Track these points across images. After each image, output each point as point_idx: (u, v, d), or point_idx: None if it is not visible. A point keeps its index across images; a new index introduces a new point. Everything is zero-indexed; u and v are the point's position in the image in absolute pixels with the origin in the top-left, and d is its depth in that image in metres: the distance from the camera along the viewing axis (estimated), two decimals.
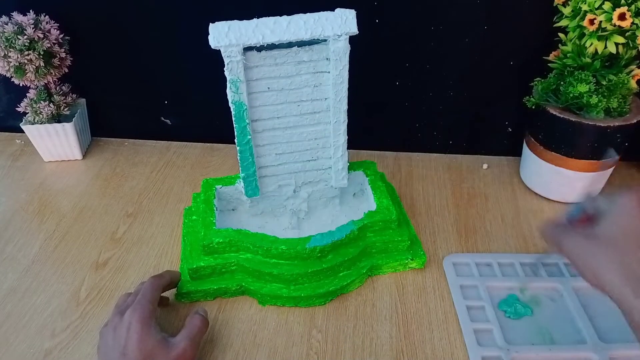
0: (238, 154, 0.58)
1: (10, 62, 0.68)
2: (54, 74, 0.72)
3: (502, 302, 0.56)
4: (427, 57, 0.72)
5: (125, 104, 0.83)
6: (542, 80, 0.67)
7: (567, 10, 0.61)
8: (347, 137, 0.59)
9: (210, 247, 0.57)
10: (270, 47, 0.52)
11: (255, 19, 0.50)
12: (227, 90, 0.53)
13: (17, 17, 0.68)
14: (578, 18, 0.59)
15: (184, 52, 0.75)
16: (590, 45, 0.59)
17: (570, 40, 0.62)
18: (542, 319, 0.55)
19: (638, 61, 0.61)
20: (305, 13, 0.51)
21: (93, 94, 0.82)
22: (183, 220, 0.67)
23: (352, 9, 0.51)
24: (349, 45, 0.52)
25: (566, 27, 0.62)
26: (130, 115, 0.84)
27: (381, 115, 0.79)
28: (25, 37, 0.67)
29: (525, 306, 0.55)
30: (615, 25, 0.56)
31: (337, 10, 0.51)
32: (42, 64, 0.70)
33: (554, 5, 0.63)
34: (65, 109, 0.77)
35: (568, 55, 0.63)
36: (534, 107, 0.67)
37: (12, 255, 0.64)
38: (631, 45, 0.58)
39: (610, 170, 0.69)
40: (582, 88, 0.60)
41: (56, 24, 0.71)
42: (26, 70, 0.69)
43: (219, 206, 0.63)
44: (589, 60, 0.61)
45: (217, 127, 0.77)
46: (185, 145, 0.85)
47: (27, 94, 0.76)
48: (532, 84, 0.68)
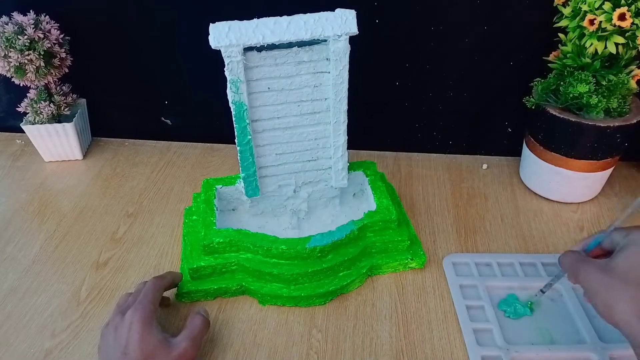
0: (238, 154, 0.58)
1: (11, 62, 0.68)
2: (54, 74, 0.72)
3: (501, 301, 0.56)
4: (427, 57, 0.72)
5: (126, 104, 0.83)
6: (542, 80, 0.67)
7: (567, 11, 0.61)
8: (347, 137, 0.59)
9: (210, 247, 0.57)
10: (271, 47, 0.52)
11: (255, 19, 0.50)
12: (228, 91, 0.53)
13: (18, 17, 0.68)
14: (578, 18, 0.59)
15: (184, 52, 0.75)
16: (590, 45, 0.59)
17: (570, 41, 0.62)
18: (542, 319, 0.55)
19: (638, 61, 0.61)
20: (305, 13, 0.51)
21: (93, 94, 0.82)
22: (183, 220, 0.67)
23: (352, 9, 0.52)
24: (349, 46, 0.52)
25: (566, 27, 0.62)
26: (131, 115, 0.84)
27: (381, 115, 0.79)
28: (26, 37, 0.67)
29: (525, 306, 0.56)
30: (615, 26, 0.56)
31: (337, 10, 0.51)
32: (43, 64, 0.70)
33: (554, 5, 0.63)
34: (66, 109, 0.77)
35: (568, 55, 0.63)
36: (533, 107, 0.67)
37: (13, 255, 0.64)
38: (631, 46, 0.58)
39: (609, 170, 0.69)
40: (582, 88, 0.61)
41: (56, 24, 0.71)
42: (26, 70, 0.69)
43: (219, 206, 0.63)
44: (589, 60, 0.61)
45: (218, 127, 0.77)
46: (185, 145, 0.85)
47: (28, 94, 0.76)
48: (532, 84, 0.68)
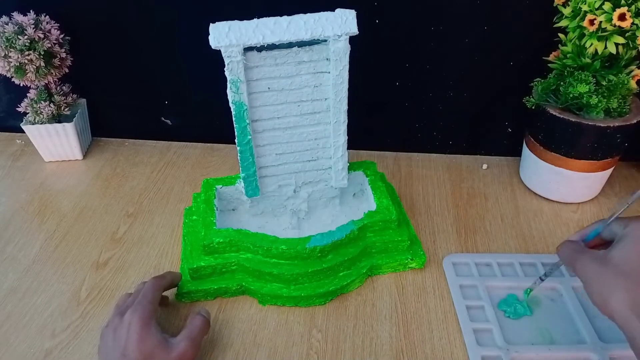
0: (238, 154, 0.58)
1: (11, 62, 0.68)
2: (54, 74, 0.72)
3: (501, 302, 0.56)
4: (427, 57, 0.72)
5: (126, 104, 0.83)
6: (542, 80, 0.67)
7: (567, 11, 0.61)
8: (347, 137, 0.59)
9: (210, 247, 0.57)
10: (271, 47, 0.52)
11: (255, 19, 0.50)
12: (228, 91, 0.53)
13: (18, 17, 0.68)
14: (578, 18, 0.59)
15: (184, 52, 0.75)
16: (590, 45, 0.59)
17: (570, 41, 0.62)
18: (542, 319, 0.55)
19: (638, 61, 0.61)
20: (305, 13, 0.51)
21: (93, 94, 0.82)
22: (183, 220, 0.67)
23: (352, 9, 0.52)
24: (349, 46, 0.52)
25: (566, 27, 0.62)
26: (131, 115, 0.84)
27: (381, 115, 0.79)
28: (26, 37, 0.67)
29: (525, 306, 0.56)
30: (615, 26, 0.56)
31: (337, 10, 0.51)
32: (43, 64, 0.70)
33: (554, 5, 0.63)
34: (66, 109, 0.77)
35: (568, 55, 0.63)
36: (533, 108, 0.67)
37: (13, 255, 0.64)
38: (631, 46, 0.58)
39: (609, 170, 0.69)
40: (582, 88, 0.61)
41: (56, 24, 0.71)
42: (26, 70, 0.69)
43: (219, 206, 0.63)
44: (588, 60, 0.61)
45: (217, 127, 0.77)
46: (185, 145, 0.85)
47: (28, 94, 0.76)
48: (532, 84, 0.68)
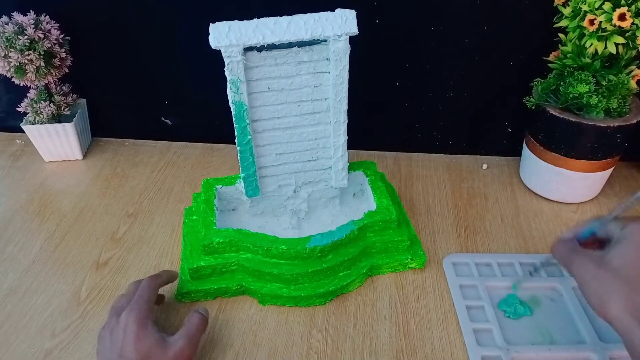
0: (238, 154, 0.58)
1: (11, 62, 0.68)
2: (54, 74, 0.72)
3: (501, 302, 0.56)
4: (427, 57, 0.72)
5: (126, 104, 0.83)
6: (542, 80, 0.67)
7: (567, 11, 0.61)
8: (347, 137, 0.59)
9: (210, 247, 0.57)
10: (271, 47, 0.52)
11: (255, 19, 0.50)
12: (228, 91, 0.53)
13: (18, 17, 0.68)
14: (578, 18, 0.59)
15: (184, 52, 0.75)
16: (590, 45, 0.59)
17: (570, 41, 0.62)
18: (542, 319, 0.55)
19: (638, 61, 0.61)
20: (305, 13, 0.51)
21: (93, 94, 0.82)
22: (183, 220, 0.67)
23: (352, 9, 0.52)
24: (349, 46, 0.52)
25: (566, 27, 0.62)
26: (131, 116, 0.84)
27: (381, 115, 0.79)
28: (26, 37, 0.67)
29: (525, 306, 0.56)
30: (615, 26, 0.56)
31: (337, 10, 0.51)
32: (43, 64, 0.70)
33: (554, 5, 0.63)
34: (66, 109, 0.77)
35: (568, 55, 0.63)
36: (533, 108, 0.67)
37: (13, 255, 0.64)
38: (631, 46, 0.58)
39: (609, 170, 0.69)
40: (582, 88, 0.61)
41: (56, 24, 0.71)
42: (26, 70, 0.69)
43: (219, 206, 0.63)
44: (588, 60, 0.61)
45: (217, 127, 0.77)
46: (185, 145, 0.85)
47: (28, 94, 0.76)
48: (532, 84, 0.68)
